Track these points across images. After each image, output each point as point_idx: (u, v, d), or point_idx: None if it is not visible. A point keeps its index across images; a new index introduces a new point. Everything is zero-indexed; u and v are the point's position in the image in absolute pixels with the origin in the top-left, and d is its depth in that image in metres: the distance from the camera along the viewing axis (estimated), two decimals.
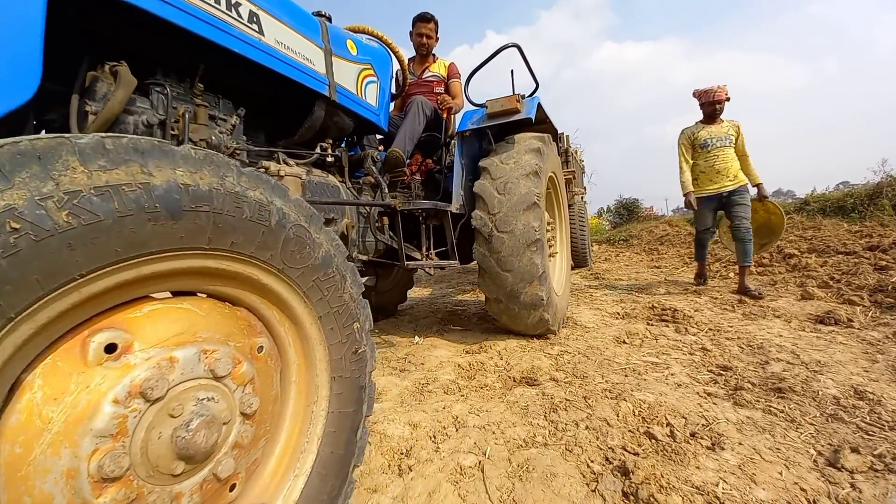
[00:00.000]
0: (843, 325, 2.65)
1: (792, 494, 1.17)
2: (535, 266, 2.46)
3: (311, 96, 1.80)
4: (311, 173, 1.87)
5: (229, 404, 0.75)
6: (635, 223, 15.98)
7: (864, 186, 9.22)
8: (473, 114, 2.92)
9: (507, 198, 2.51)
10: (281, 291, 0.87)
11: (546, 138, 2.91)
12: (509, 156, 2.68)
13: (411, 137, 2.64)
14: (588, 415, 1.68)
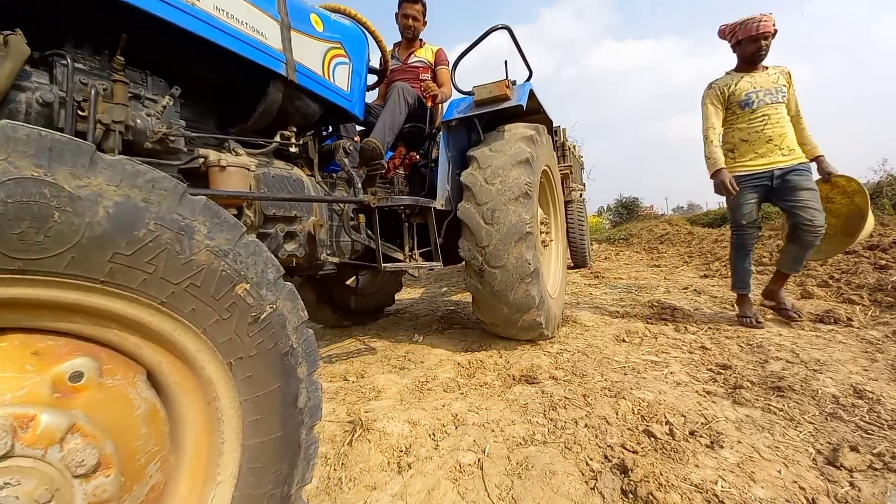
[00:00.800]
0: (842, 324, 2.65)
1: (791, 493, 1.17)
2: (526, 262, 2.28)
3: (264, 75, 1.58)
4: (269, 165, 1.69)
5: (42, 478, 0.54)
6: (635, 222, 15.99)
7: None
8: (461, 102, 2.70)
9: (497, 192, 2.31)
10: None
11: (539, 128, 2.71)
12: (499, 146, 2.48)
13: (391, 127, 2.42)
14: (587, 413, 1.68)
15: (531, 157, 2.39)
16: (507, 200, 2.28)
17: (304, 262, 1.83)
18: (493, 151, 2.44)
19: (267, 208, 1.56)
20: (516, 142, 2.46)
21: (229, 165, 1.40)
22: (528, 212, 2.29)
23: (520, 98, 2.58)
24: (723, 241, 7.34)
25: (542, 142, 2.69)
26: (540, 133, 2.67)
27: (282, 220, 1.64)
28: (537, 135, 2.60)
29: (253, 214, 1.49)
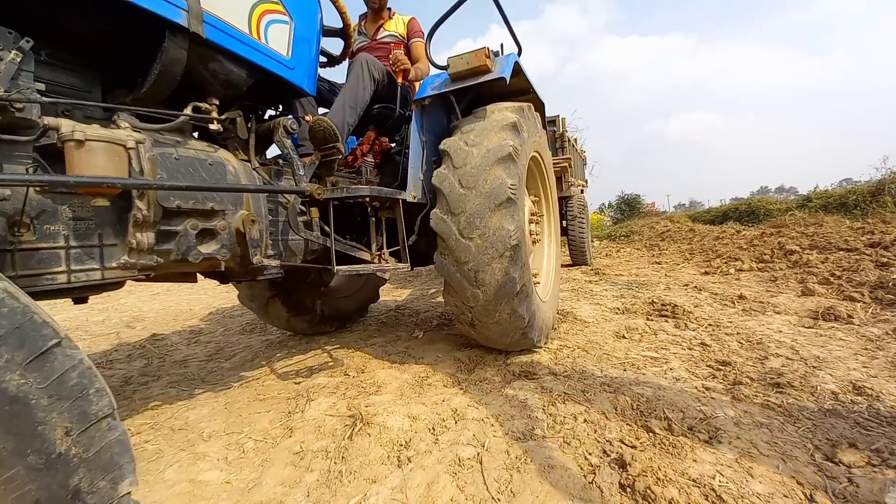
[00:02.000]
0: (843, 321, 2.65)
1: (788, 488, 1.17)
2: (512, 280, 1.96)
3: (158, 27, 1.26)
4: (179, 144, 1.41)
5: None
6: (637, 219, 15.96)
7: (866, 183, 9.20)
8: (436, 78, 2.35)
9: (474, 199, 1.96)
10: None
11: (526, 109, 2.37)
12: (477, 137, 2.11)
13: (353, 105, 2.09)
14: (586, 408, 1.69)
15: (515, 152, 2.02)
16: (486, 209, 1.93)
17: (236, 266, 1.58)
18: (469, 146, 2.05)
19: (166, 199, 1.27)
20: (497, 132, 2.07)
21: (90, 140, 1.08)
22: (513, 221, 1.95)
23: (502, 70, 2.18)
24: (724, 238, 7.33)
25: (529, 126, 2.33)
26: (526, 116, 2.32)
27: (193, 215, 1.37)
28: (522, 119, 2.24)
29: (146, 206, 1.22)
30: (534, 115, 2.53)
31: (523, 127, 2.21)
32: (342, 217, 2.06)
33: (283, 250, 1.80)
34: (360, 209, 2.16)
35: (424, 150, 2.29)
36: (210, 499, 1.28)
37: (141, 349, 3.13)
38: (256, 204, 1.61)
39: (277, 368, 2.46)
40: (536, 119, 2.60)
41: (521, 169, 2.10)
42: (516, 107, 2.29)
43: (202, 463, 1.48)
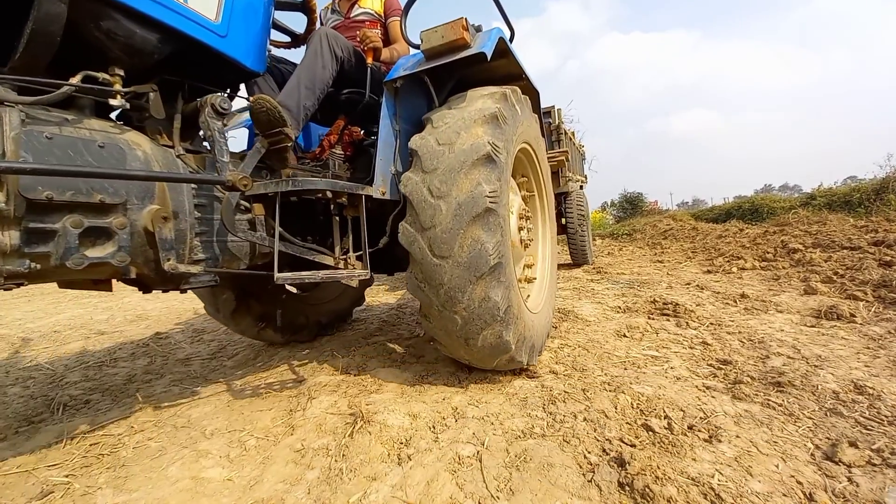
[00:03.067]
0: (845, 320, 2.64)
1: (788, 487, 1.17)
2: (494, 304, 1.68)
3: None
4: (66, 123, 1.19)
5: None
6: (639, 217, 15.92)
7: (870, 181, 9.15)
8: (411, 58, 2.07)
9: (451, 154, 1.71)
10: None
11: (510, 95, 2.03)
12: (460, 104, 1.89)
13: (310, 86, 1.82)
14: (586, 407, 1.69)
15: (495, 150, 1.74)
16: (461, 223, 1.64)
17: (150, 273, 1.37)
18: (440, 145, 1.80)
19: (31, 189, 1.05)
20: (473, 127, 1.80)
21: None
22: (493, 235, 1.66)
23: (482, 45, 1.86)
24: (727, 236, 7.31)
25: (515, 115, 2.03)
26: (510, 103, 2.01)
27: (74, 210, 1.15)
28: (506, 107, 1.93)
29: (3, 198, 1.02)
30: (522, 100, 2.18)
31: (506, 118, 1.89)
32: (302, 216, 1.88)
33: (221, 254, 1.56)
34: (323, 207, 1.93)
35: (398, 141, 2.00)
36: (212, 496, 1.29)
37: (144, 347, 3.15)
38: (177, 198, 1.36)
39: (279, 367, 2.48)
40: (525, 105, 2.26)
41: (503, 169, 1.80)
42: (498, 92, 1.95)
43: (204, 460, 1.49)
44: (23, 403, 2.15)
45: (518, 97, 2.14)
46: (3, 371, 2.74)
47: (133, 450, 1.59)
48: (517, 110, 2.07)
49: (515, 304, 1.81)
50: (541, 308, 2.35)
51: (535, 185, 2.73)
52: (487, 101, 1.90)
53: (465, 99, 1.96)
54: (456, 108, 1.89)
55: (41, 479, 1.41)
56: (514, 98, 2.06)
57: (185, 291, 1.60)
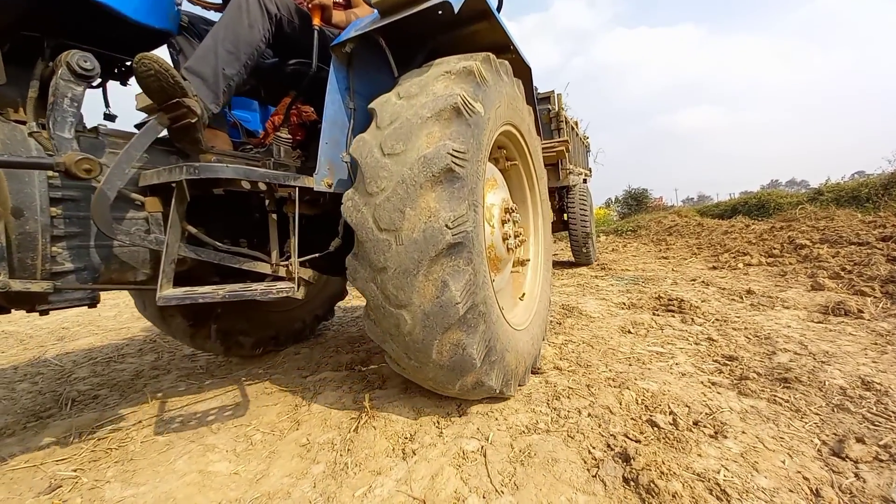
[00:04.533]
0: (853, 315, 2.62)
1: (794, 483, 1.17)
2: (451, 296, 1.30)
3: None
4: None
5: None
6: (644, 213, 15.83)
7: (879, 176, 9.04)
8: (366, 19, 1.69)
9: (400, 170, 1.33)
10: None
11: (493, 60, 1.68)
12: (413, 88, 1.50)
13: (232, 49, 1.48)
14: (591, 402, 1.69)
15: (467, 106, 1.39)
16: (415, 185, 1.30)
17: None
18: (401, 98, 1.47)
19: None
20: (444, 79, 1.47)
21: None
22: (455, 205, 1.31)
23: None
24: (732, 232, 7.25)
25: (498, 85, 1.69)
26: (492, 69, 1.67)
27: None
28: (487, 69, 1.59)
29: None
30: (499, 70, 1.78)
31: (487, 80, 1.56)
32: (232, 213, 1.62)
33: (103, 264, 1.27)
34: (258, 202, 1.61)
35: (352, 121, 1.66)
36: (219, 489, 1.30)
37: (151, 344, 3.18)
38: (19, 190, 1.07)
39: (284, 362, 2.49)
40: (510, 79, 1.90)
41: (479, 134, 1.45)
42: (464, 66, 1.53)
43: (211, 454, 1.50)
44: (31, 399, 2.18)
45: (493, 67, 1.69)
46: (12, 367, 2.77)
47: (141, 444, 1.61)
48: (501, 80, 1.72)
49: (485, 304, 1.43)
50: (528, 322, 1.97)
51: (526, 178, 2.33)
52: (449, 82, 1.46)
53: (420, 77, 1.53)
54: (406, 94, 1.48)
55: (49, 474, 1.43)
56: (487, 70, 1.60)
57: (45, 313, 1.26)
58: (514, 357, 1.67)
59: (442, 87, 1.45)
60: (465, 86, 1.46)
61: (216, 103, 1.45)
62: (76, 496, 1.31)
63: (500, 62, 1.79)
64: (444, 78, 1.47)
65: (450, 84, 1.45)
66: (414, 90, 1.47)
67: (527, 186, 2.40)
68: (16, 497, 1.32)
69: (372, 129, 1.45)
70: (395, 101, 1.46)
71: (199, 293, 1.30)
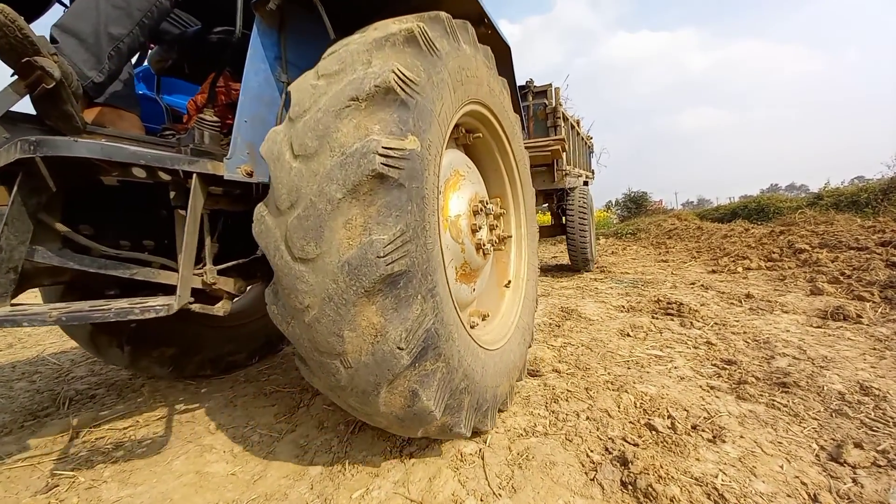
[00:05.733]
0: (851, 320, 2.62)
1: (792, 488, 1.17)
2: (392, 345, 1.02)
3: None
4: None
5: None
6: (643, 216, 15.85)
7: (878, 181, 9.06)
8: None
9: (312, 166, 1.04)
10: None
11: (446, 22, 1.33)
12: (338, 62, 1.14)
13: (121, 4, 1.22)
14: (589, 406, 1.69)
15: (403, 83, 1.06)
16: (332, 199, 0.99)
17: None
18: (321, 77, 1.13)
19: None
20: (372, 50, 1.12)
21: None
22: (390, 223, 1.00)
23: None
24: (732, 236, 7.26)
25: (456, 54, 1.33)
26: (446, 33, 1.32)
27: None
28: (437, 35, 1.25)
29: None
30: (470, 39, 1.48)
31: (438, 49, 1.22)
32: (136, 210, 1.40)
33: None
34: (165, 195, 1.28)
35: (284, 96, 1.40)
36: (216, 490, 1.30)
37: None
38: None
39: (282, 364, 2.49)
40: (474, 47, 1.51)
41: (424, 119, 1.13)
42: (425, 16, 1.27)
43: (209, 455, 1.50)
44: (29, 398, 2.17)
45: (446, 31, 1.32)
46: (10, 365, 2.77)
47: (138, 444, 1.60)
48: (447, 57, 1.28)
49: (439, 341, 1.11)
50: (507, 339, 1.66)
51: (504, 168, 2.00)
52: (382, 53, 1.11)
53: (347, 48, 1.16)
54: (327, 72, 1.13)
55: (47, 473, 1.43)
56: (438, 35, 1.26)
57: None
58: (491, 388, 1.41)
59: (371, 59, 1.09)
60: (405, 57, 1.12)
61: (98, 70, 1.19)
62: (73, 496, 1.31)
63: (459, 24, 1.41)
64: (376, 47, 1.10)
65: (383, 55, 1.10)
66: (335, 66, 1.11)
67: (505, 177, 2.01)
68: (13, 496, 1.31)
69: (286, 122, 1.13)
70: (313, 83, 1.12)
71: (77, 312, 1.04)
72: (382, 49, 1.11)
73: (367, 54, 1.11)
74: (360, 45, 1.12)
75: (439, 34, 1.27)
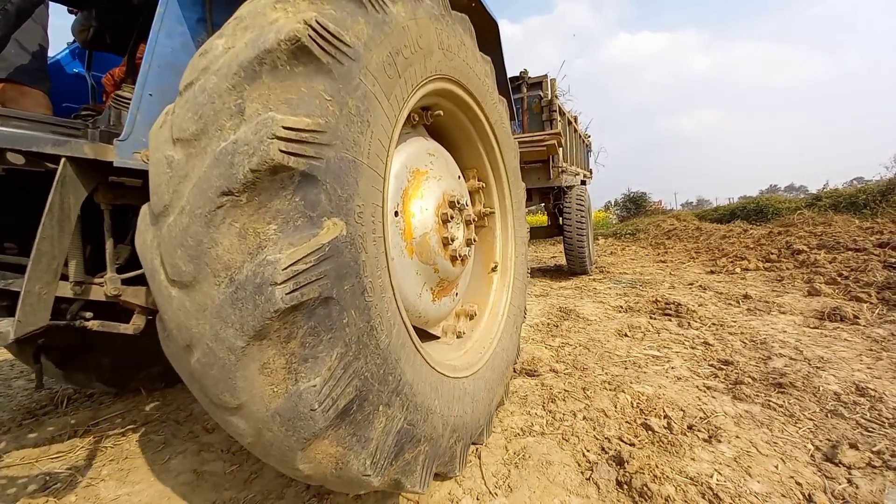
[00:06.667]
0: (848, 321, 2.63)
1: (787, 488, 1.17)
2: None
3: None
4: None
5: None
6: (643, 217, 15.86)
7: (876, 183, 9.08)
8: None
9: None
10: None
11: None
12: (245, 19, 0.85)
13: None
14: (586, 405, 1.69)
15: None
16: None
17: None
18: (223, 38, 0.86)
19: None
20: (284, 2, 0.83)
21: None
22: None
23: None
24: (731, 237, 7.27)
25: (415, 14, 1.09)
26: None
27: None
28: None
29: None
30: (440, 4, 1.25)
31: (386, 4, 0.97)
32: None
33: None
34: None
35: None
36: (213, 488, 1.30)
37: None
38: None
39: None
40: (443, 8, 1.27)
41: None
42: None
43: (206, 453, 1.50)
44: (27, 396, 2.18)
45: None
46: (8, 364, 2.77)
47: (136, 443, 1.61)
48: (400, 16, 1.02)
49: (376, 392, 0.88)
50: (482, 364, 1.40)
51: (489, 162, 1.74)
52: (296, 5, 0.82)
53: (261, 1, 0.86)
54: (232, 33, 0.84)
55: (45, 471, 1.43)
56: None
57: None
58: (462, 424, 1.18)
59: (282, 14, 0.80)
60: (329, 8, 0.82)
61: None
62: (71, 494, 1.31)
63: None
64: (237, 91, 0.76)
65: (298, 7, 0.81)
66: (242, 25, 0.83)
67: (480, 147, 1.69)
68: (12, 494, 1.32)
69: (151, 213, 0.86)
70: (214, 49, 0.83)
71: None
72: (258, 91, 0.76)
73: (276, 7, 0.82)
74: (224, 77, 0.77)
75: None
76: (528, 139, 4.52)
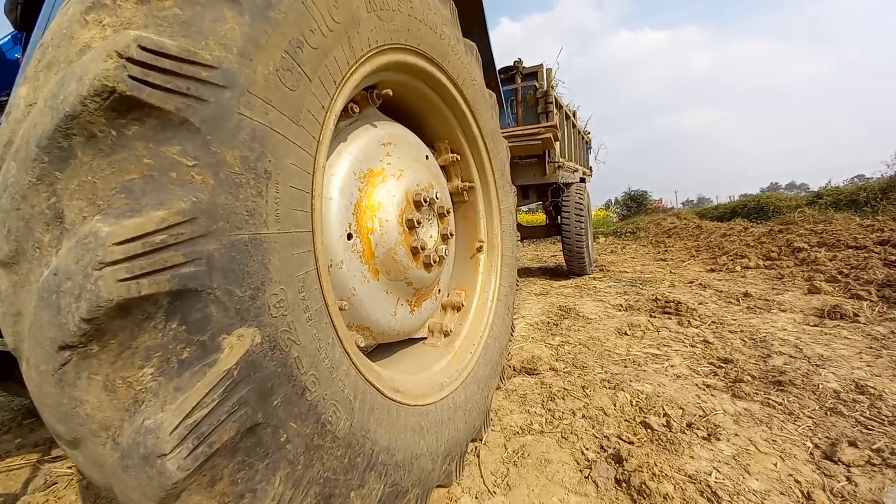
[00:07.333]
0: (848, 319, 2.63)
1: (786, 486, 1.17)
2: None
3: None
4: None
5: None
6: (643, 215, 15.85)
7: (877, 180, 9.08)
8: None
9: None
10: None
11: None
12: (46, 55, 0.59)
13: None
14: (585, 404, 1.69)
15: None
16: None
17: None
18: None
19: None
20: None
21: None
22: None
23: None
24: (731, 235, 7.26)
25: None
26: None
27: None
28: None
29: None
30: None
31: None
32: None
33: None
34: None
35: None
36: None
37: None
38: None
39: None
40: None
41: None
42: None
43: None
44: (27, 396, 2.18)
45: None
46: None
47: None
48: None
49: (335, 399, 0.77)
50: (473, 364, 1.34)
51: (465, 140, 1.55)
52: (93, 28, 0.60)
53: None
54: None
55: (45, 471, 1.43)
56: None
57: None
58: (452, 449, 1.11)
59: (97, 33, 0.59)
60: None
61: None
62: (71, 493, 1.31)
63: None
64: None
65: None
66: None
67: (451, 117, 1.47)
68: (13, 493, 1.32)
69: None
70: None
71: None
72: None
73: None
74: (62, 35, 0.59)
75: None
76: (522, 133, 4.19)
